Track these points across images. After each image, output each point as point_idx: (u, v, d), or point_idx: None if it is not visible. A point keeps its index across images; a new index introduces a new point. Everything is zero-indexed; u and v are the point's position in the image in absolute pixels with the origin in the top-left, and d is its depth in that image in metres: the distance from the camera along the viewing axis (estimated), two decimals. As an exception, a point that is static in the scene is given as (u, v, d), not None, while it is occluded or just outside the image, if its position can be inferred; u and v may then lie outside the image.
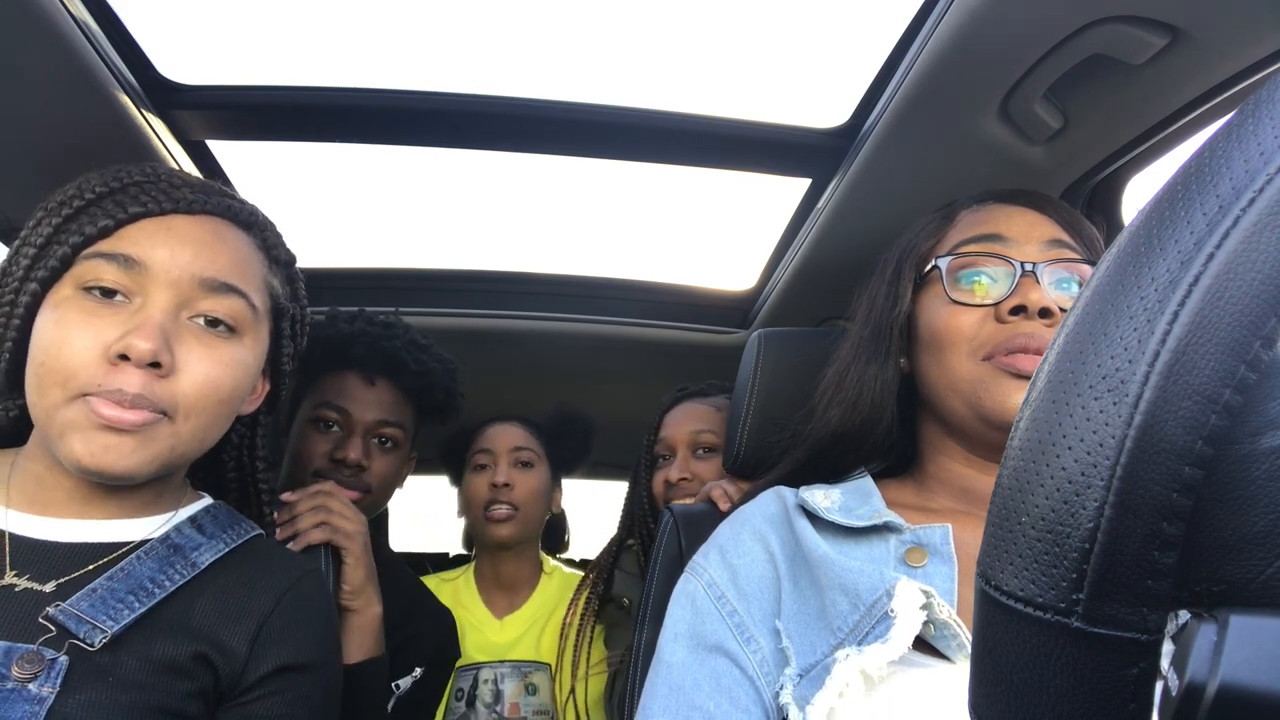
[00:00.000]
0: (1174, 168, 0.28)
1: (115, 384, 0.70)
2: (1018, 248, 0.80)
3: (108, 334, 0.71)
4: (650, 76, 1.37)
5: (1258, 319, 0.24)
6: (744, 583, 0.77)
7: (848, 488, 0.84)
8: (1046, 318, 0.76)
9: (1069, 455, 0.26)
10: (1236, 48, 0.87)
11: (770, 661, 0.71)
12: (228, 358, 0.77)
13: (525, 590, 1.68)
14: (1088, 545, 0.26)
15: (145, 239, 0.75)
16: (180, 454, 0.76)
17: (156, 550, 0.77)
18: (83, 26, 0.98)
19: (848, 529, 0.77)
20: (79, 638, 0.69)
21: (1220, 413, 0.25)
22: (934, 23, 0.97)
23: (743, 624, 0.74)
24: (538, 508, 1.67)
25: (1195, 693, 0.23)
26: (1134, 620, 0.26)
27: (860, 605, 0.68)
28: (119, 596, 0.72)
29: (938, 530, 0.74)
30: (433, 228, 1.86)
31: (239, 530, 0.85)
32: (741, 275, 1.87)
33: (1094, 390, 0.26)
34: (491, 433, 1.69)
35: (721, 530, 0.84)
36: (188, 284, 0.75)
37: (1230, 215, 0.25)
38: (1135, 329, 0.26)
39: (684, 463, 1.53)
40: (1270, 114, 0.26)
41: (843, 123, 1.28)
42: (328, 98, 1.28)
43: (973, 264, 0.81)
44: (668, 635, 0.77)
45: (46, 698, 0.66)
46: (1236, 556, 0.26)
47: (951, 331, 0.80)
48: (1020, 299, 0.77)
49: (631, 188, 1.66)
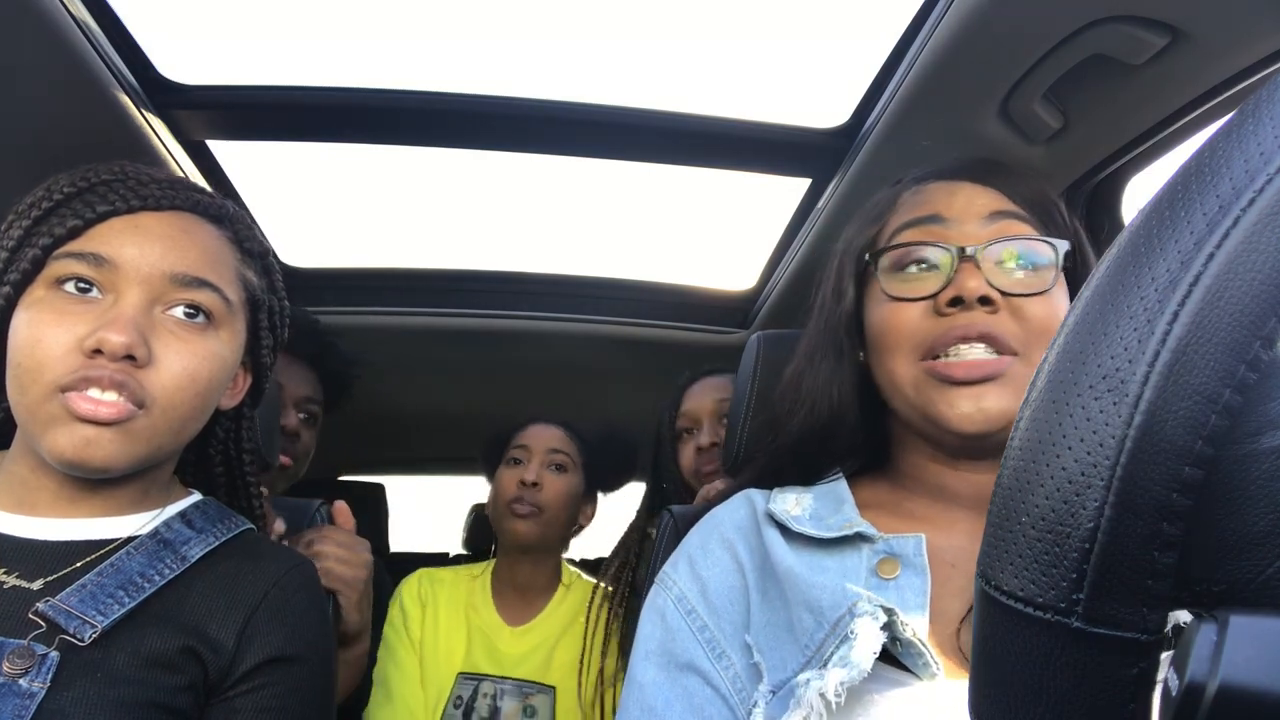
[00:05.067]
0: (1174, 168, 0.28)
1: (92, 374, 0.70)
2: (957, 228, 0.75)
3: (80, 329, 0.72)
4: (650, 76, 1.37)
5: (1258, 319, 0.24)
6: (714, 596, 0.74)
7: (820, 491, 0.80)
8: (987, 305, 0.71)
9: (1069, 455, 0.26)
10: (1236, 48, 0.87)
11: (743, 677, 0.69)
12: (204, 350, 0.78)
13: (541, 600, 1.65)
14: (1088, 545, 0.26)
15: (114, 237, 0.76)
16: (158, 447, 0.76)
17: (146, 545, 0.77)
18: (83, 26, 0.98)
19: (818, 540, 0.74)
20: (69, 633, 0.69)
21: (1220, 413, 0.25)
22: (934, 23, 0.97)
23: (714, 639, 0.72)
24: (563, 513, 1.63)
25: (1195, 693, 0.23)
26: (1134, 620, 0.26)
27: (824, 623, 0.66)
28: (109, 592, 0.72)
29: (910, 541, 0.70)
30: (433, 228, 1.87)
31: (229, 525, 0.85)
32: (741, 275, 1.87)
33: (1094, 390, 0.26)
34: (531, 431, 1.68)
35: (690, 538, 0.82)
36: (159, 280, 0.76)
37: (1230, 215, 0.25)
38: (1135, 329, 0.26)
39: (713, 429, 1.53)
40: (1270, 114, 0.26)
41: (843, 123, 1.28)
42: (328, 98, 1.28)
43: (907, 254, 0.76)
44: (639, 654, 0.75)
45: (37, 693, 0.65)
46: (1236, 556, 0.26)
47: (892, 331, 0.75)
48: (956, 289, 0.71)
49: (631, 188, 1.66)
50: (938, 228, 0.75)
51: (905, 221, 0.78)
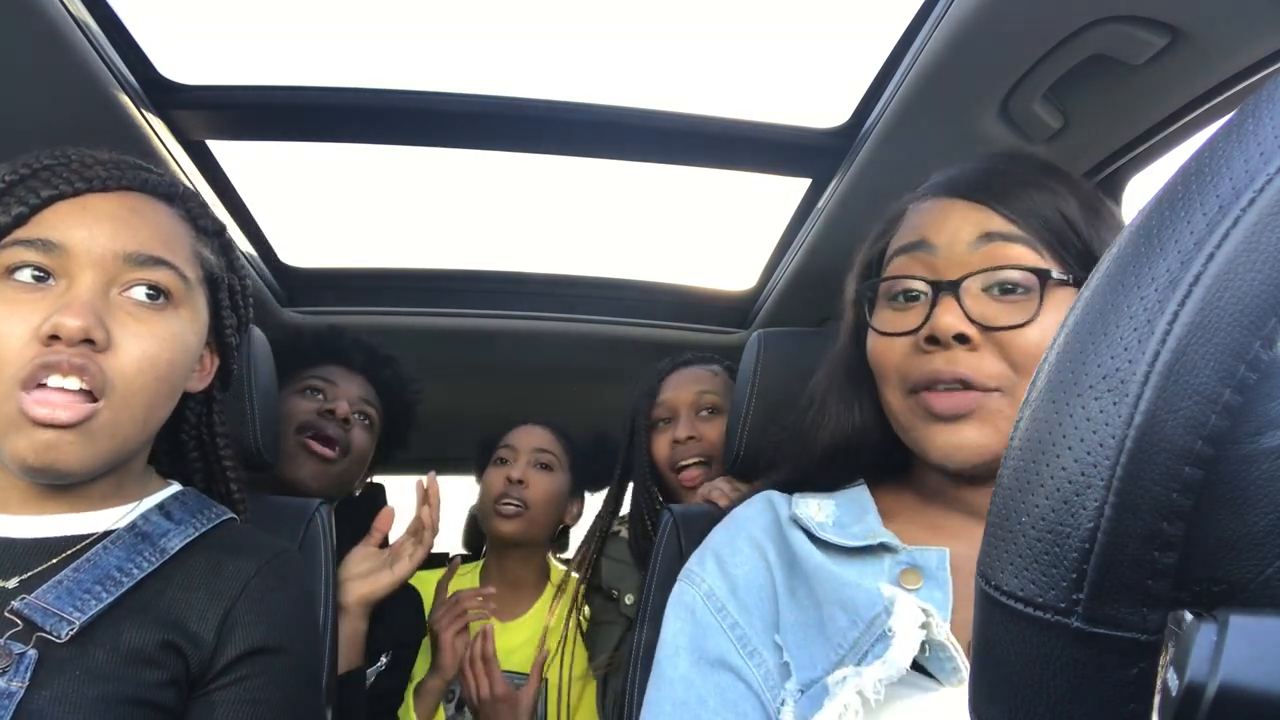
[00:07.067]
0: (1174, 168, 0.28)
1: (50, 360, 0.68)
2: (944, 254, 0.72)
3: (34, 318, 0.70)
4: (650, 77, 1.37)
5: (1258, 319, 0.24)
6: (744, 594, 0.75)
7: (843, 498, 0.80)
8: (965, 342, 0.69)
9: (1069, 455, 0.26)
10: (1236, 48, 0.87)
11: (774, 674, 0.70)
12: (164, 331, 0.76)
13: (530, 596, 1.69)
14: (1088, 545, 0.26)
15: (60, 221, 0.73)
16: (123, 440, 0.74)
17: (124, 539, 0.76)
18: (83, 26, 0.98)
19: (841, 548, 0.74)
20: (46, 631, 0.67)
21: (1220, 413, 0.25)
22: (934, 23, 0.97)
23: (745, 636, 0.72)
24: (549, 511, 1.67)
25: (1195, 693, 0.23)
26: (1134, 620, 0.26)
27: (859, 622, 0.66)
28: (85, 587, 0.71)
29: (934, 553, 0.70)
30: (433, 228, 1.86)
31: (209, 515, 0.83)
32: (741, 275, 1.87)
33: (1094, 390, 0.26)
34: (518, 431, 1.72)
35: (716, 535, 0.82)
36: (111, 261, 0.74)
37: (1230, 215, 0.25)
38: (1135, 329, 0.26)
39: (689, 422, 1.48)
40: (1270, 114, 0.26)
41: (843, 123, 1.28)
42: (328, 98, 1.28)
43: (893, 286, 0.76)
44: (667, 649, 0.75)
45: (15, 693, 0.64)
46: (1236, 556, 0.26)
47: (881, 363, 0.75)
48: (931, 328, 0.70)
49: (631, 188, 1.66)
50: (924, 255, 0.74)
51: (898, 247, 0.77)
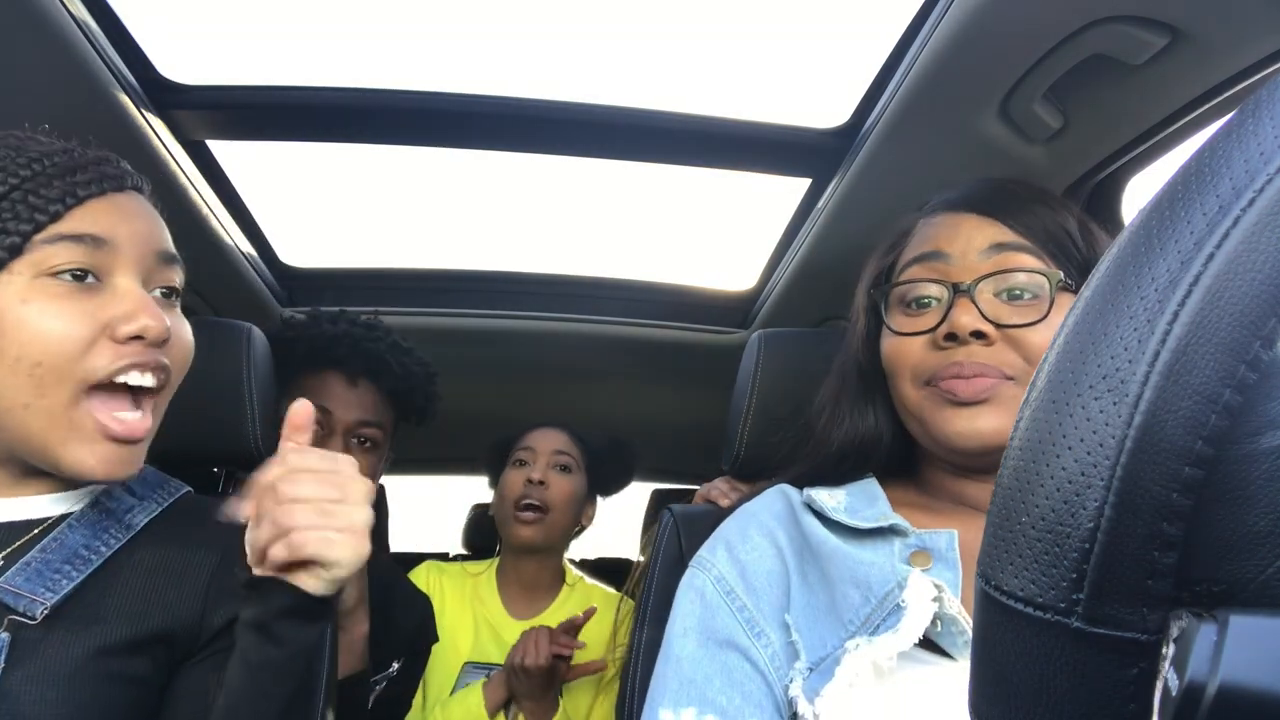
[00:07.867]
0: (1174, 168, 0.28)
1: (138, 360, 0.70)
2: (958, 262, 0.78)
3: (99, 315, 0.70)
4: (650, 76, 1.37)
5: (1258, 319, 0.24)
6: (753, 578, 0.77)
7: (853, 489, 0.84)
8: (982, 338, 0.74)
9: (1069, 455, 0.26)
10: (1236, 48, 0.87)
11: (781, 655, 0.72)
12: (187, 330, 0.80)
13: (546, 598, 1.69)
14: (1088, 545, 0.26)
15: (103, 217, 0.73)
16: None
17: (88, 516, 0.76)
18: (83, 26, 0.98)
19: (853, 530, 0.77)
20: (19, 612, 0.67)
21: (1220, 413, 0.25)
22: (934, 23, 0.97)
23: (753, 618, 0.75)
24: (568, 513, 1.68)
25: (1195, 693, 0.23)
26: (1134, 620, 0.26)
27: (872, 597, 0.69)
28: (55, 567, 0.71)
29: (943, 535, 0.74)
30: (432, 227, 1.87)
31: (169, 488, 0.84)
32: (741, 275, 1.87)
33: (1094, 390, 0.26)
34: (536, 434, 1.74)
35: (727, 525, 0.84)
36: (150, 259, 0.75)
37: (1230, 215, 0.25)
38: (1135, 329, 0.26)
39: None
40: (1270, 114, 0.26)
41: (843, 123, 1.28)
42: (328, 98, 1.28)
43: (909, 291, 0.81)
44: (676, 630, 0.77)
45: None
46: (1236, 556, 0.26)
47: (896, 361, 0.80)
48: (950, 326, 0.75)
49: (631, 188, 1.66)
50: (939, 264, 0.80)
51: (911, 257, 0.83)
